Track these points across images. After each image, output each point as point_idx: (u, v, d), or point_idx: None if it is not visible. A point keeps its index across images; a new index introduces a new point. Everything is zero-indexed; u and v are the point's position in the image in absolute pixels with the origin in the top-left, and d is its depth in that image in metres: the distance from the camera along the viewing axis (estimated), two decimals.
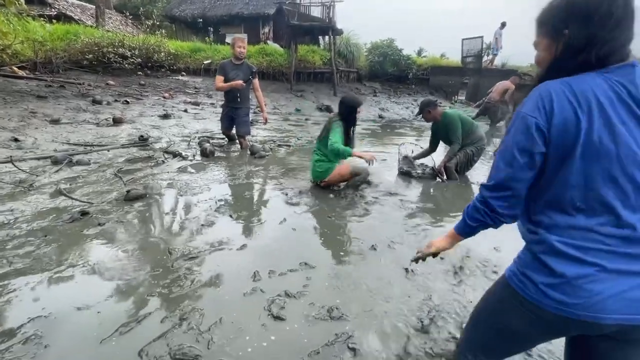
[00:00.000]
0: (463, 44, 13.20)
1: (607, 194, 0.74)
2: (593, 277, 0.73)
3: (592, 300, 0.72)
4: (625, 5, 0.74)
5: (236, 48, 4.34)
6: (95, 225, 2.33)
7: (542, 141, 0.77)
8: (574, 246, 0.75)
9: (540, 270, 0.79)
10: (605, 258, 0.73)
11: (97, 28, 11.01)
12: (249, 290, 1.71)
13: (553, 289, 0.76)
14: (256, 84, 4.60)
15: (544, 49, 0.86)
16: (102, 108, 6.30)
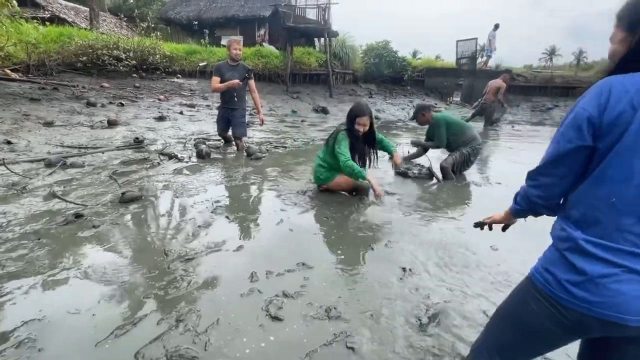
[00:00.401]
0: (457, 45, 13.31)
1: None
2: (618, 277, 0.72)
3: (617, 300, 0.71)
4: None
5: (232, 50, 4.36)
6: (89, 227, 2.30)
7: (590, 134, 0.76)
8: (601, 245, 0.74)
9: (564, 267, 0.79)
10: (634, 259, 0.72)
11: (91, 30, 10.95)
12: (247, 291, 1.70)
13: (576, 287, 0.76)
14: (252, 85, 4.59)
15: (619, 41, 0.85)
16: (97, 110, 6.25)
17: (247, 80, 4.48)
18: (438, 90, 13.31)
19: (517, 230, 1.48)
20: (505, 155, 5.65)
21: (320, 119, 8.96)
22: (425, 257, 2.11)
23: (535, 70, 17.19)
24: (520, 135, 7.79)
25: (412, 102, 12.05)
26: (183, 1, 18.42)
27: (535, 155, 4.25)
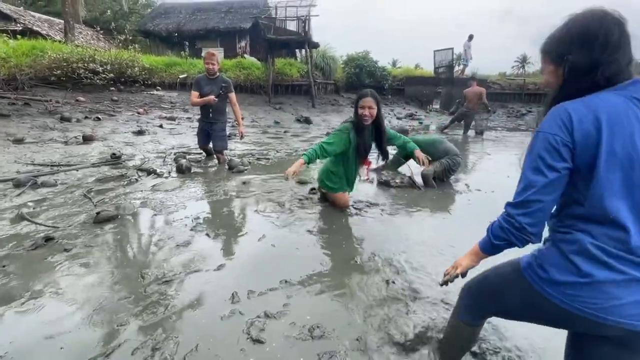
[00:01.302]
0: (435, 55, 13.73)
1: (633, 204, 0.78)
2: (618, 283, 0.78)
3: (610, 303, 0.77)
4: (621, 32, 0.81)
5: (205, 64, 4.29)
6: (60, 251, 2.19)
7: (568, 157, 0.81)
8: (607, 252, 0.79)
9: (563, 268, 0.83)
10: (630, 266, 0.78)
11: (66, 43, 10.68)
12: (227, 313, 1.64)
13: (571, 287, 0.81)
14: (233, 98, 4.53)
15: (550, 73, 0.94)
16: (71, 125, 6.06)
17: (227, 93, 4.42)
18: (418, 98, 13.64)
19: None
20: (484, 162, 5.81)
21: (303, 129, 8.98)
22: (409, 269, 2.12)
23: (509, 77, 17.90)
24: (498, 142, 8.04)
25: (394, 110, 12.29)
26: (162, 13, 18.32)
27: (512, 161, 4.37)
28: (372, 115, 2.62)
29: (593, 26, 0.82)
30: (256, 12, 16.24)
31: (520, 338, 1.51)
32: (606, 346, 0.84)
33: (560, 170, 0.81)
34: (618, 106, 0.79)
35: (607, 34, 0.81)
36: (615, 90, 0.82)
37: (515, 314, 1.05)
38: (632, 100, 0.79)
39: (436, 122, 11.18)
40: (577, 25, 0.85)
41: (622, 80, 0.82)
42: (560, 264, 0.84)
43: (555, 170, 0.81)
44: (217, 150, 4.64)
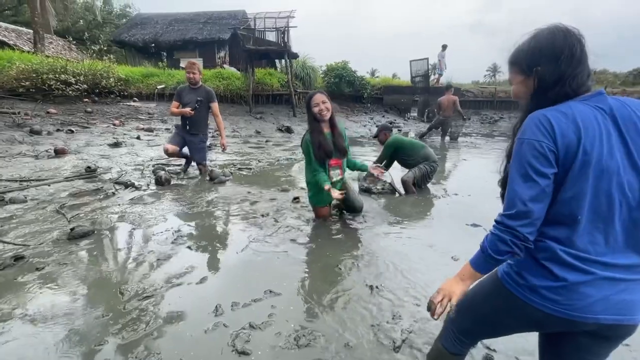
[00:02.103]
0: (411, 65, 14.17)
1: (601, 208, 0.83)
2: (588, 283, 0.83)
3: (583, 302, 0.83)
4: (581, 47, 0.87)
5: (187, 75, 4.23)
6: (32, 270, 2.09)
7: (554, 162, 0.84)
8: (575, 256, 0.84)
9: (540, 274, 0.88)
10: (596, 267, 0.83)
11: (35, 54, 10.29)
12: (211, 326, 1.62)
13: (549, 291, 0.86)
14: (215, 109, 4.42)
15: (519, 83, 0.98)
16: (42, 139, 5.81)
17: (209, 103, 4.33)
18: (396, 106, 13.99)
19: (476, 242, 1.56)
20: (461, 167, 6.01)
21: (284, 138, 9.00)
22: (392, 274, 2.16)
23: (481, 86, 18.71)
24: (473, 147, 8.35)
25: (373, 118, 12.53)
26: (138, 24, 18.04)
27: (488, 165, 4.53)
28: (329, 109, 2.64)
29: (558, 41, 0.87)
30: (235, 23, 16.27)
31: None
32: (580, 338, 0.90)
33: (550, 176, 0.84)
34: (589, 115, 0.83)
35: (570, 49, 0.86)
36: (581, 101, 0.87)
37: (500, 329, 1.07)
38: (598, 110, 0.84)
39: (414, 130, 11.49)
40: (544, 40, 0.90)
41: (585, 91, 0.88)
42: (537, 271, 0.89)
43: (545, 177, 0.83)
44: (197, 162, 4.58)
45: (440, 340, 1.23)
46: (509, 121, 13.60)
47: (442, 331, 1.24)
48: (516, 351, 1.49)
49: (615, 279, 0.83)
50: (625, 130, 0.83)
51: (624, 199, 0.82)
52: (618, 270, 0.83)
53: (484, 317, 1.06)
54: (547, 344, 1.03)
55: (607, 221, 0.83)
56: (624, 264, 0.83)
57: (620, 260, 0.84)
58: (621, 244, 0.84)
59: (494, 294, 1.00)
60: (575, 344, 0.92)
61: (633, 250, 0.84)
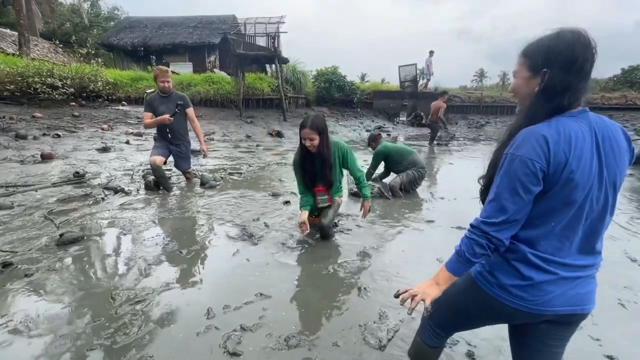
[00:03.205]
0: (400, 70, 14.44)
1: (572, 218, 0.91)
2: (551, 282, 0.93)
3: (545, 298, 0.93)
4: (592, 64, 0.88)
5: (159, 83, 3.88)
6: (21, 277, 2.08)
7: (542, 179, 0.88)
8: (542, 258, 0.93)
9: (509, 273, 0.97)
10: (560, 268, 0.93)
11: (20, 56, 10.11)
12: (203, 329, 1.65)
13: (517, 289, 0.95)
14: (191, 114, 4.14)
15: (523, 78, 0.96)
16: (28, 143, 5.72)
17: (184, 110, 4.05)
18: (385, 111, 14.20)
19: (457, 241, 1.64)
20: (447, 171, 6.16)
21: (275, 142, 9.04)
22: (379, 276, 2.23)
23: (468, 91, 19.14)
24: (460, 152, 8.55)
25: (363, 123, 12.68)
26: (127, 27, 17.88)
27: (473, 170, 4.67)
28: (315, 146, 2.46)
29: (577, 50, 0.85)
30: (225, 28, 16.30)
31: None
32: (541, 325, 1.02)
33: (535, 192, 0.89)
34: (578, 133, 0.86)
35: (584, 62, 0.86)
36: (569, 116, 0.89)
37: (472, 322, 1.19)
38: (585, 127, 0.88)
39: (403, 134, 11.68)
40: (564, 43, 0.87)
41: (576, 107, 0.90)
42: (507, 270, 0.98)
43: (531, 193, 0.88)
44: (184, 171, 4.42)
45: (419, 335, 1.34)
46: (495, 125, 13.95)
47: (419, 327, 1.35)
48: (494, 345, 1.57)
49: (573, 277, 0.94)
50: (602, 147, 0.88)
51: (590, 211, 0.91)
52: (576, 270, 0.94)
53: (458, 312, 1.16)
54: (514, 333, 1.13)
55: (574, 229, 0.92)
56: (581, 264, 0.95)
57: (578, 261, 0.94)
58: (579, 247, 0.94)
59: (467, 291, 1.09)
60: (538, 331, 1.03)
61: (588, 252, 0.96)
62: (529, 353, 1.08)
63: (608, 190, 0.91)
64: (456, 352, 1.54)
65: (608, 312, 1.89)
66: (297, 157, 2.67)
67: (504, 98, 15.81)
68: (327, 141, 2.52)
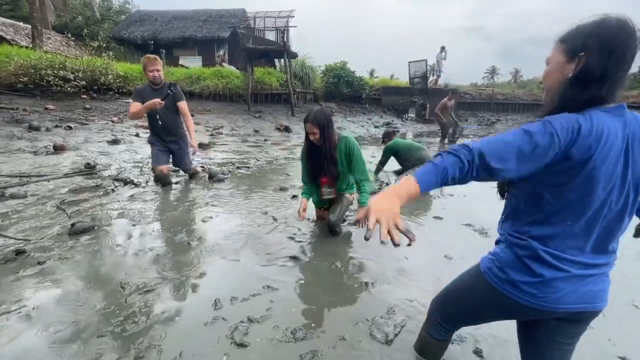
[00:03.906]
0: (410, 66, 14.27)
1: (590, 218, 0.88)
2: (563, 279, 0.91)
3: (556, 295, 0.92)
4: (633, 55, 0.82)
5: (148, 72, 3.54)
6: (33, 264, 2.12)
7: (550, 156, 0.81)
8: (554, 255, 0.91)
9: (520, 270, 0.95)
10: (572, 266, 0.91)
11: (33, 49, 10.26)
12: (210, 319, 1.66)
13: (527, 285, 0.94)
14: (184, 107, 3.78)
15: (557, 63, 0.90)
16: (41, 135, 5.82)
17: (176, 103, 3.73)
18: (394, 107, 14.08)
19: (467, 240, 1.62)
20: None
21: (283, 137, 9.04)
22: (387, 272, 2.21)
23: (479, 87, 18.85)
24: None
25: (371, 119, 12.60)
26: (137, 21, 18.00)
27: None
28: (317, 140, 2.48)
29: (620, 38, 0.80)
30: (234, 22, 16.30)
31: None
32: (551, 322, 1.00)
33: (550, 145, 0.79)
34: (611, 130, 0.81)
35: (625, 50, 0.80)
36: (604, 111, 0.83)
37: (480, 317, 1.17)
38: (619, 124, 0.82)
39: (412, 130, 11.57)
40: (607, 29, 0.81)
41: (612, 101, 0.84)
42: (517, 266, 0.96)
43: (534, 160, 0.81)
44: (185, 170, 4.15)
45: (425, 329, 1.35)
46: (506, 123, 13.73)
47: (425, 321, 1.35)
48: (502, 341, 1.55)
49: (585, 275, 0.92)
50: (631, 147, 0.83)
51: (609, 211, 0.88)
52: (589, 268, 0.92)
53: (466, 307, 1.16)
54: (523, 330, 1.12)
55: (590, 229, 0.89)
56: (594, 263, 0.92)
57: (591, 260, 0.92)
58: (593, 246, 0.92)
59: (476, 287, 1.08)
60: (548, 328, 1.01)
61: (602, 252, 0.93)
62: (538, 350, 1.07)
63: (630, 192, 0.87)
64: (464, 349, 1.53)
65: (622, 312, 1.85)
66: (304, 148, 2.73)
67: (515, 95, 15.54)
68: (329, 135, 2.50)
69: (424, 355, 1.41)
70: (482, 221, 3.10)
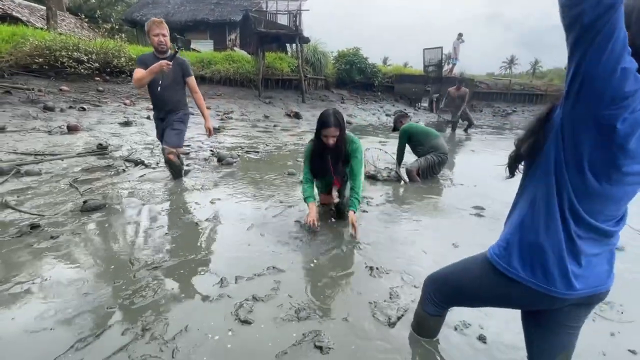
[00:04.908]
0: (424, 53, 13.89)
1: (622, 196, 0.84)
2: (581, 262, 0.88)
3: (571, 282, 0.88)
4: None
5: (152, 37, 3.12)
6: (47, 238, 2.18)
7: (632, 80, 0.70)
8: (579, 236, 0.87)
9: (552, 261, 0.91)
10: (591, 246, 0.89)
11: (48, 30, 10.34)
12: (216, 296, 1.69)
13: (567, 278, 0.89)
14: (192, 83, 3.39)
15: None
16: (55, 115, 5.91)
17: (184, 79, 3.36)
18: (407, 96, 13.80)
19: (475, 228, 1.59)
20: (468, 158, 5.97)
21: (293, 124, 8.99)
22: (393, 257, 2.20)
23: (496, 77, 18.29)
24: (483, 140, 8.25)
25: (383, 107, 12.41)
26: (150, 3, 17.90)
27: (494, 157, 4.51)
28: (334, 143, 2.39)
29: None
30: (246, 5, 16.07)
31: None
32: (565, 307, 0.97)
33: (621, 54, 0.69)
34: None
35: None
36: None
37: (481, 302, 1.17)
38: None
39: (424, 120, 11.35)
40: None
41: None
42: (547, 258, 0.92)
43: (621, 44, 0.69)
44: (166, 143, 3.28)
45: (420, 305, 1.38)
46: (522, 115, 13.35)
47: (421, 297, 1.37)
48: (506, 328, 1.53)
49: (595, 254, 0.90)
50: None
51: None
52: (598, 245, 0.91)
53: (468, 292, 1.15)
54: (529, 315, 1.09)
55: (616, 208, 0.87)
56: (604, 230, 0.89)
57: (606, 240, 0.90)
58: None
59: (483, 275, 1.05)
60: (557, 313, 0.99)
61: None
62: (545, 336, 1.05)
63: None
64: (468, 336, 1.52)
65: (631, 305, 1.80)
66: (311, 149, 2.55)
67: (534, 86, 15.03)
68: (344, 136, 2.44)
69: (420, 332, 1.44)
70: (492, 210, 3.04)
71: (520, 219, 0.96)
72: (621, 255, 2.28)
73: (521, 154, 0.95)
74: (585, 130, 0.78)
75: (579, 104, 0.77)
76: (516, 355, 1.40)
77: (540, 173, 0.90)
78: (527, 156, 0.94)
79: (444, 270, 1.28)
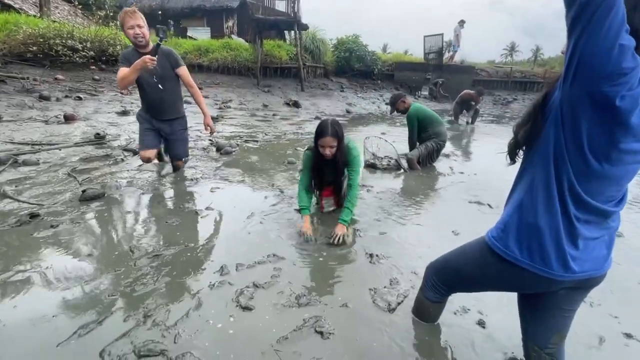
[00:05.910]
0: (425, 41, 13.69)
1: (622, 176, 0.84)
2: (580, 245, 0.89)
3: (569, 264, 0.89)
4: None
5: (127, 30, 2.76)
6: (47, 227, 2.18)
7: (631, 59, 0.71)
8: (578, 218, 0.87)
9: (552, 245, 0.91)
10: (590, 230, 0.89)
11: (41, 18, 10.13)
12: (217, 283, 1.70)
13: (566, 261, 0.89)
14: (185, 75, 3.03)
15: None
16: (51, 104, 5.85)
17: (174, 68, 2.98)
18: (407, 84, 13.66)
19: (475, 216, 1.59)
20: (469, 147, 5.95)
21: (292, 112, 8.91)
22: (392, 245, 2.21)
23: (497, 65, 18.08)
24: (484, 130, 8.20)
25: (383, 95, 12.29)
26: None
27: (495, 146, 4.45)
28: (333, 153, 2.24)
29: None
30: None
31: None
32: (561, 290, 0.98)
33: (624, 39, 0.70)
34: None
35: None
36: None
37: (479, 286, 1.18)
38: None
39: None
40: None
41: None
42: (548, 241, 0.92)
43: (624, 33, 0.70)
44: (177, 158, 3.27)
45: (421, 291, 1.40)
46: (523, 103, 13.25)
47: (422, 283, 1.39)
48: (505, 312, 1.55)
49: (594, 237, 0.91)
50: None
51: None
52: (598, 229, 0.91)
53: (468, 276, 1.17)
54: (525, 297, 1.11)
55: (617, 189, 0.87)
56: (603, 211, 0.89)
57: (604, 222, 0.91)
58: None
59: (482, 259, 1.06)
60: (554, 296, 1.00)
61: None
62: (541, 318, 1.06)
63: None
64: (467, 321, 1.53)
65: (628, 290, 1.82)
66: (309, 158, 2.41)
67: (535, 73, 14.88)
68: (343, 146, 2.29)
69: (420, 316, 1.47)
70: (492, 198, 3.04)
71: (519, 201, 0.96)
72: (619, 240, 2.29)
73: (519, 140, 0.95)
74: (584, 109, 0.77)
75: (578, 82, 0.77)
76: (515, 341, 1.41)
77: (539, 156, 0.89)
78: (524, 142, 0.94)
79: (444, 256, 1.29)
